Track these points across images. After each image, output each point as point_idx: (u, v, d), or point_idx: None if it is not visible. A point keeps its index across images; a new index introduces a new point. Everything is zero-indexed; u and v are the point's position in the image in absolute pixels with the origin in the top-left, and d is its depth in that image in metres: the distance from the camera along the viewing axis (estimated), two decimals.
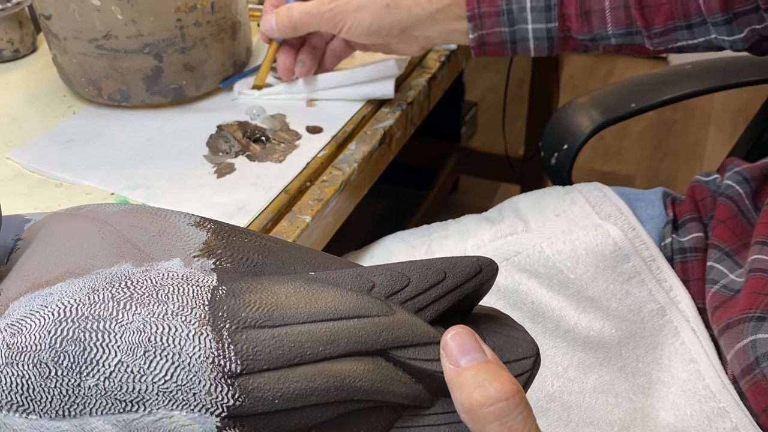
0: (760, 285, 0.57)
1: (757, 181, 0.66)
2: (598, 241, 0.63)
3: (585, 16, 0.64)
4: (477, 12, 0.66)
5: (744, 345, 0.55)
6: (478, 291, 0.38)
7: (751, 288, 0.57)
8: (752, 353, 0.54)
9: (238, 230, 0.39)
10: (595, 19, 0.64)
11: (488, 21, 0.66)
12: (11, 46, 0.87)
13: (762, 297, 0.56)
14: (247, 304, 0.34)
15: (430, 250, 0.68)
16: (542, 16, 0.65)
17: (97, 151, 0.72)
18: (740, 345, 0.56)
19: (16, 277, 0.36)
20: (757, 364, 0.54)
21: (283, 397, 0.32)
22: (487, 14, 0.66)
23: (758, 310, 0.55)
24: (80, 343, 0.32)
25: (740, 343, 0.56)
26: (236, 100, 0.79)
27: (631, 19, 0.63)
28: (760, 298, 0.56)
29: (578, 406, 0.57)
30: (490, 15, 0.66)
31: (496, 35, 0.67)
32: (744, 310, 0.56)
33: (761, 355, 0.53)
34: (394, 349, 0.34)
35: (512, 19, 0.66)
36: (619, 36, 0.65)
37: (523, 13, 0.65)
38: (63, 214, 0.40)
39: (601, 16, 0.63)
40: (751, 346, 0.54)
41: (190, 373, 0.32)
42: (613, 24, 0.64)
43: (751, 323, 0.55)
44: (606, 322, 0.61)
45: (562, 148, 0.86)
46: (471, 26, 0.67)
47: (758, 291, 0.56)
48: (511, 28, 0.66)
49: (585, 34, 0.65)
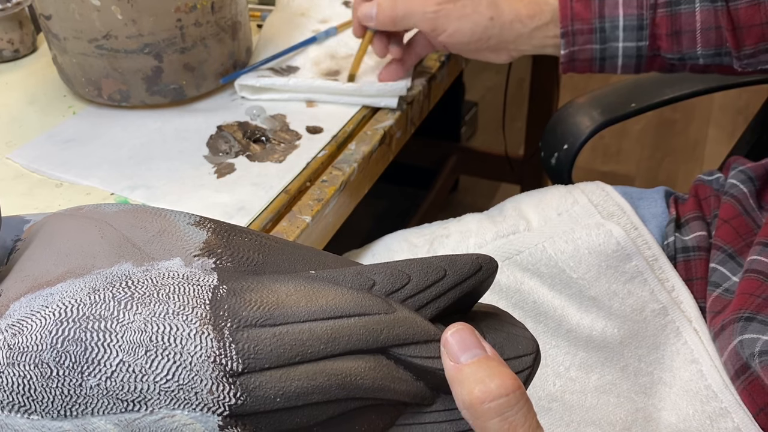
0: (754, 286, 0.56)
1: (762, 180, 0.66)
2: (601, 241, 0.63)
3: (675, 36, 0.65)
4: (570, 29, 0.67)
5: (734, 346, 0.55)
6: (478, 289, 0.38)
7: (744, 289, 0.57)
8: (742, 354, 0.54)
9: (238, 229, 0.39)
10: (685, 40, 0.65)
11: (580, 38, 0.67)
12: (11, 46, 0.87)
13: (753, 298, 0.56)
14: (248, 302, 0.34)
15: (431, 249, 0.68)
16: (634, 35, 0.66)
17: (97, 151, 0.72)
18: (731, 346, 0.56)
19: (16, 277, 0.36)
20: (748, 366, 0.54)
21: (285, 396, 0.32)
22: (580, 31, 0.67)
23: (748, 310, 0.55)
24: (81, 343, 0.32)
25: (731, 345, 0.56)
26: (236, 99, 0.79)
27: (722, 40, 0.64)
28: (751, 299, 0.56)
29: (580, 405, 0.57)
30: (582, 32, 0.67)
31: (586, 52, 0.68)
32: (735, 311, 0.56)
33: (749, 356, 0.53)
34: (395, 347, 0.34)
35: (604, 36, 0.67)
36: (708, 57, 0.65)
37: (615, 32, 0.66)
38: (63, 215, 0.40)
39: (692, 36, 0.64)
40: (739, 347, 0.54)
41: (191, 372, 0.32)
42: (702, 45, 0.64)
43: (739, 324, 0.55)
44: (608, 322, 0.60)
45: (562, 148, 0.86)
46: (564, 42, 0.68)
47: (750, 292, 0.56)
48: (602, 46, 0.67)
49: (674, 54, 0.66)
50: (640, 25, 0.65)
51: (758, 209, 0.64)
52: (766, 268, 0.57)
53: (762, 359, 0.53)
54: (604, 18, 0.66)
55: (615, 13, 0.66)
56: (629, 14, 0.65)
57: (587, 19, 0.67)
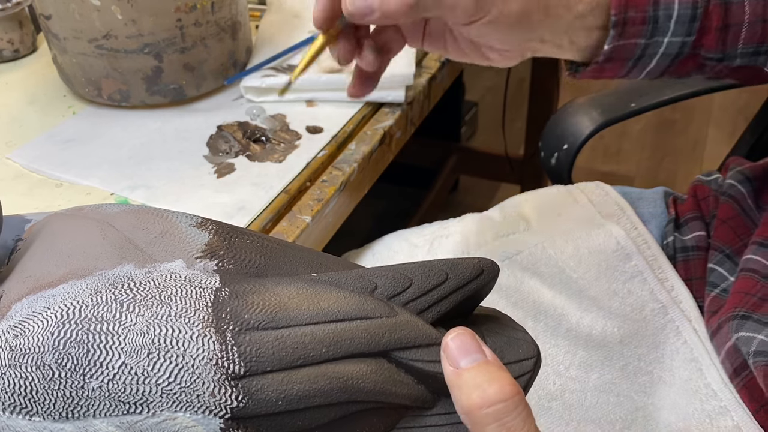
0: (749, 285, 0.56)
1: (760, 181, 0.66)
2: (601, 241, 0.63)
3: (723, 30, 0.56)
4: (623, 17, 0.53)
5: (732, 344, 0.55)
6: (480, 292, 0.38)
7: (739, 288, 0.57)
8: (739, 353, 0.54)
9: (239, 231, 0.39)
10: (731, 35, 0.56)
11: (631, 30, 0.54)
12: (11, 46, 0.87)
13: (749, 297, 0.56)
14: (250, 305, 0.34)
15: (431, 249, 0.68)
16: (684, 28, 0.55)
17: (97, 151, 0.72)
18: (729, 344, 0.56)
19: (17, 278, 0.36)
20: (746, 366, 0.54)
21: (287, 399, 0.32)
22: (632, 21, 0.54)
23: (743, 309, 0.55)
24: (84, 345, 0.32)
25: (728, 343, 0.56)
26: (237, 99, 0.79)
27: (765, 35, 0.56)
28: (746, 298, 0.56)
29: (579, 404, 0.57)
30: (635, 22, 0.54)
31: (629, 49, 0.54)
32: (730, 310, 0.56)
33: (746, 354, 0.53)
34: (396, 351, 0.34)
35: (655, 28, 0.54)
36: (747, 55, 0.57)
37: (667, 23, 0.54)
38: (64, 215, 0.40)
39: (737, 31, 0.55)
40: (738, 345, 0.54)
41: (193, 375, 0.32)
42: (744, 41, 0.56)
43: (734, 322, 0.55)
44: (608, 321, 0.60)
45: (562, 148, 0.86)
46: (612, 34, 0.53)
47: (745, 291, 0.56)
48: (647, 41, 0.55)
49: (716, 52, 0.56)
50: (693, 16, 0.54)
51: (756, 209, 0.64)
52: (761, 267, 0.57)
53: (756, 360, 0.53)
54: (659, 5, 0.53)
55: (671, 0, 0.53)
56: (685, 2, 0.53)
57: (642, 6, 0.53)
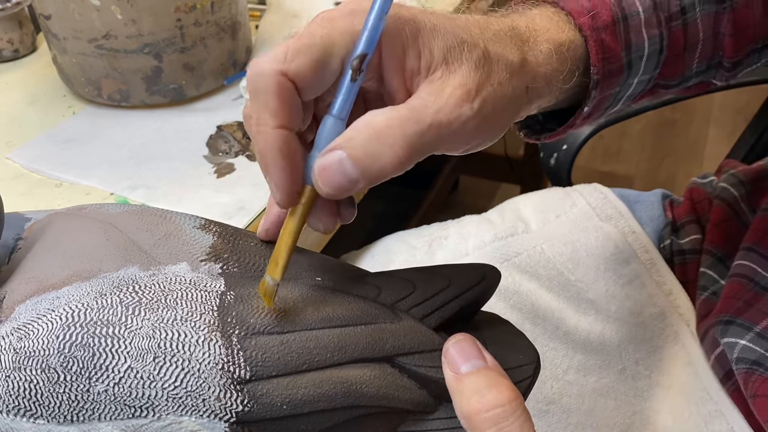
0: (736, 289, 0.57)
1: (753, 184, 0.66)
2: (599, 244, 0.63)
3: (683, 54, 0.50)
4: (605, 70, 0.45)
5: (720, 351, 0.55)
6: (481, 298, 0.38)
7: (728, 292, 0.57)
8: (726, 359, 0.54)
9: (243, 233, 0.39)
10: (688, 57, 0.51)
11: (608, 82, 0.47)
12: (11, 46, 0.87)
13: (735, 301, 0.56)
14: (255, 309, 0.34)
15: (430, 251, 0.68)
16: (653, 64, 0.48)
17: (97, 151, 0.72)
18: (718, 350, 0.56)
19: (20, 279, 0.36)
20: (732, 374, 0.54)
21: (291, 403, 0.33)
22: (610, 73, 0.46)
23: (728, 314, 0.55)
24: (89, 348, 0.32)
25: (717, 349, 0.56)
26: (236, 99, 0.79)
27: (715, 50, 0.52)
28: (733, 302, 0.56)
29: (577, 408, 0.57)
30: (612, 74, 0.46)
31: (605, 101, 0.48)
32: (717, 315, 0.56)
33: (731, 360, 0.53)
34: (400, 356, 0.35)
35: (629, 74, 0.48)
36: (699, 74, 0.52)
37: (638, 64, 0.47)
38: (65, 214, 0.40)
39: (693, 52, 0.50)
40: (723, 352, 0.55)
41: (199, 379, 0.32)
42: (699, 59, 0.51)
43: (719, 327, 0.55)
44: (606, 325, 0.61)
45: (561, 149, 0.86)
46: (595, 93, 0.46)
47: (732, 295, 0.56)
48: (621, 87, 0.48)
49: (673, 79, 0.51)
50: (660, 49, 0.48)
51: (749, 212, 0.64)
52: (748, 272, 0.57)
53: (738, 366, 0.53)
54: (631, 48, 0.46)
55: (640, 39, 0.47)
56: (652, 35, 0.47)
57: (617, 55, 0.46)
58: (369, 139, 0.34)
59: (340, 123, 0.35)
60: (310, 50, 0.35)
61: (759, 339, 0.53)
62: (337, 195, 0.35)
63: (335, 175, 0.34)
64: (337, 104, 0.35)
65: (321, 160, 0.34)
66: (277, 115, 0.35)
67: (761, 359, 0.52)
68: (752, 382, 0.51)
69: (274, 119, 0.35)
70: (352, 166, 0.34)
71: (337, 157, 0.34)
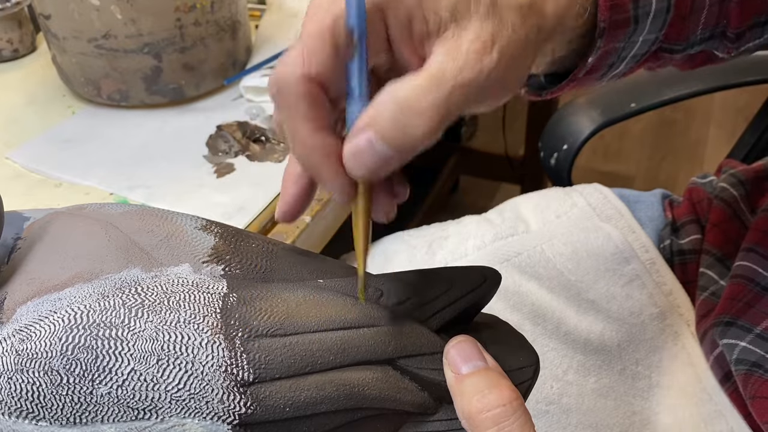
0: (736, 291, 0.57)
1: (752, 184, 0.66)
2: (599, 244, 0.63)
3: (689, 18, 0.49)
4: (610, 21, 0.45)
5: (719, 352, 0.55)
6: (482, 300, 0.38)
7: (729, 294, 0.57)
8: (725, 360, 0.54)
9: (244, 234, 0.39)
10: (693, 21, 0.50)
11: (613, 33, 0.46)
12: (10, 46, 0.87)
13: (735, 302, 0.56)
14: (258, 312, 0.34)
15: (430, 251, 0.68)
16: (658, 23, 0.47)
17: (96, 151, 0.72)
18: (717, 351, 0.56)
19: (21, 279, 0.35)
20: (731, 375, 0.54)
21: (294, 406, 0.33)
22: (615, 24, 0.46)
23: (728, 315, 0.55)
24: (92, 350, 0.32)
25: (716, 350, 0.56)
26: (236, 99, 0.79)
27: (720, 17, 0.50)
28: (733, 303, 0.56)
29: (577, 409, 0.57)
30: (619, 25, 0.46)
31: (609, 55, 0.47)
32: (717, 316, 0.56)
33: (730, 361, 0.53)
34: (401, 359, 0.35)
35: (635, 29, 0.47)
36: (703, 41, 0.51)
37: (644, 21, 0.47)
38: (65, 214, 0.39)
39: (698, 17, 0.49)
40: (722, 353, 0.54)
41: (203, 381, 0.32)
42: (704, 25, 0.50)
43: (719, 328, 0.55)
44: (606, 325, 0.60)
45: (562, 148, 0.86)
46: (600, 43, 0.45)
47: (733, 297, 0.56)
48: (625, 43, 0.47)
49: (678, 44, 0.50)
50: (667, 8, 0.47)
51: (749, 212, 0.64)
52: (749, 272, 0.57)
53: (738, 368, 0.53)
54: (638, 1, 0.45)
55: None
56: None
57: (624, 6, 0.45)
58: (395, 113, 0.33)
59: (359, 101, 0.34)
60: (323, 46, 0.34)
61: (759, 340, 0.53)
62: (372, 176, 0.34)
63: (367, 156, 0.33)
64: (351, 84, 0.34)
65: (349, 145, 0.33)
66: (312, 120, 0.34)
67: (761, 361, 0.52)
68: (751, 383, 0.51)
69: (309, 124, 0.34)
70: (383, 144, 0.33)
71: (366, 138, 0.33)
